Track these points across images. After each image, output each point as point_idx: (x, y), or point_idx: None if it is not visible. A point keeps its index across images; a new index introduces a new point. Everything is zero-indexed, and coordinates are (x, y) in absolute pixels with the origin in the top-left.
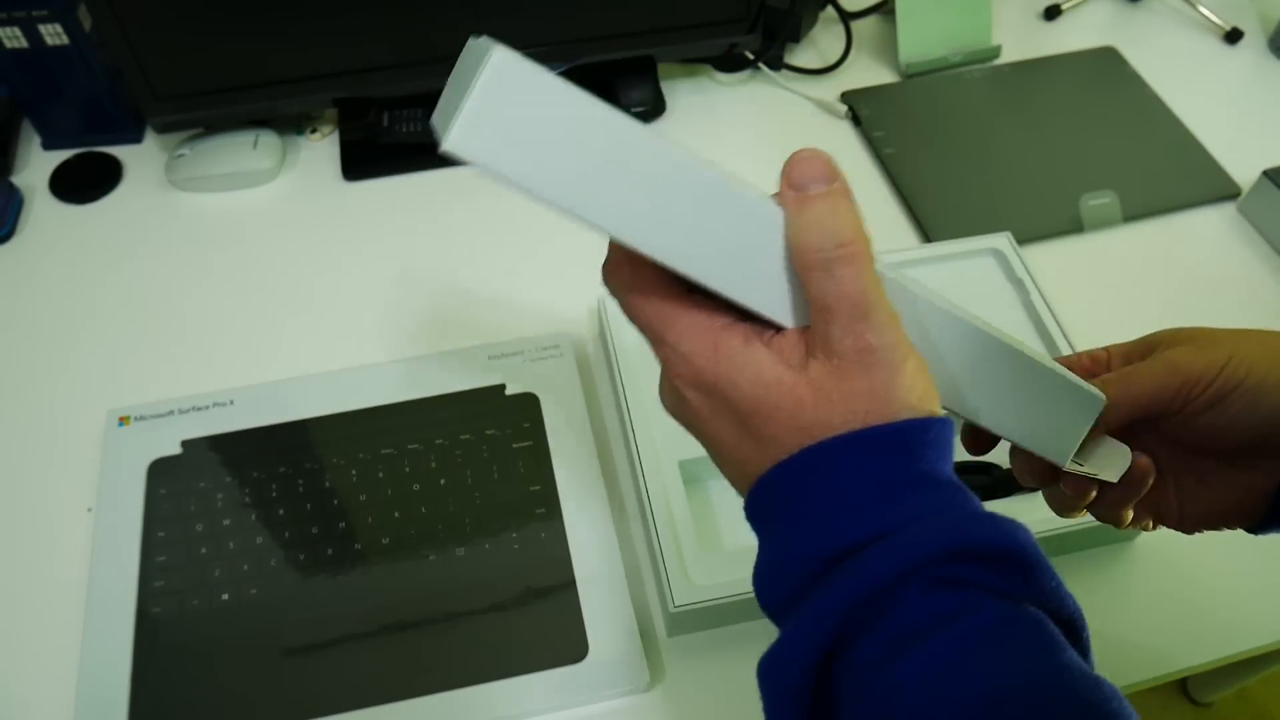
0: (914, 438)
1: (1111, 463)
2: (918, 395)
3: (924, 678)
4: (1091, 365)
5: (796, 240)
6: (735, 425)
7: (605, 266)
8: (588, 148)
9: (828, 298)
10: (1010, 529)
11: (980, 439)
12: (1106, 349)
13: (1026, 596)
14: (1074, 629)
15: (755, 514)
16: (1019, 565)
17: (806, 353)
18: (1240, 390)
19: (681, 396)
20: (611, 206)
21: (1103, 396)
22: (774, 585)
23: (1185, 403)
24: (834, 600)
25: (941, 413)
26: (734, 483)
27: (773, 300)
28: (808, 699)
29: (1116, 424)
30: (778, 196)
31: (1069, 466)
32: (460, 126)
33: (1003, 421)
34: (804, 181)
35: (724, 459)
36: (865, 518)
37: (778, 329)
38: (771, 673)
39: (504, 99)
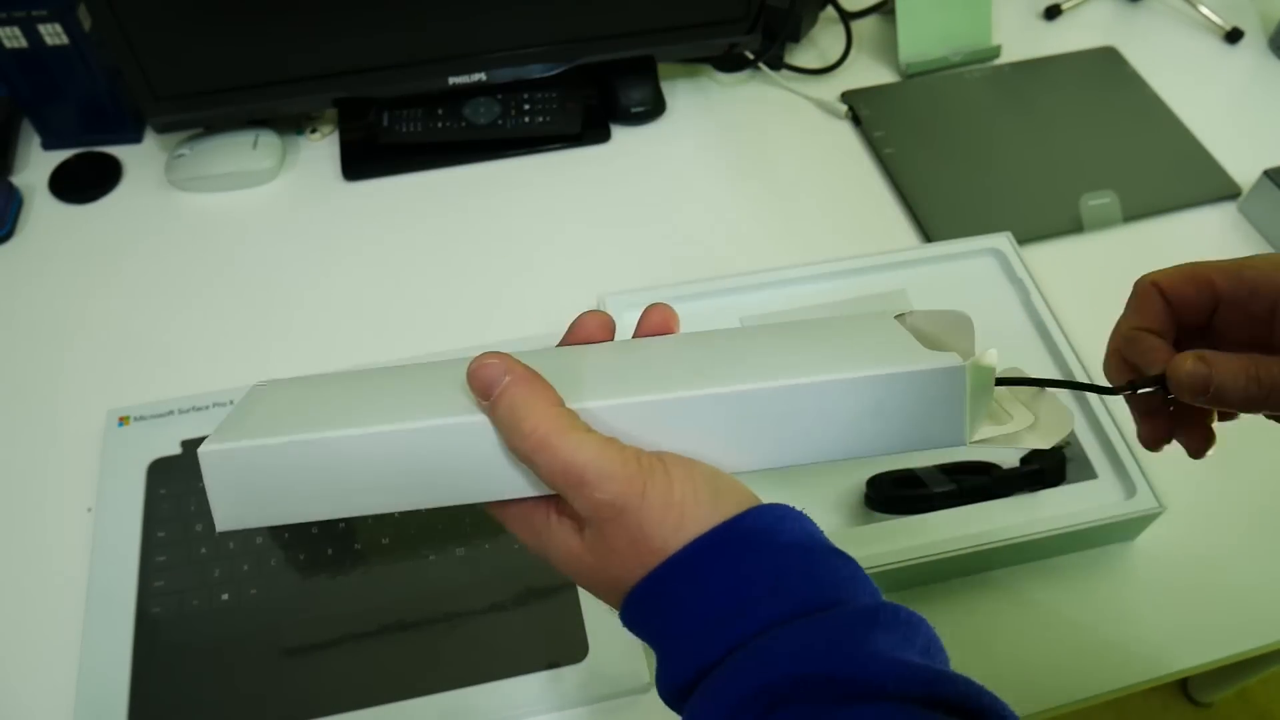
0: (704, 554)
1: (1046, 424)
2: (677, 519)
3: None
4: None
5: (503, 442)
6: (577, 581)
7: None
8: (317, 470)
9: (548, 479)
10: (848, 639)
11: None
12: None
13: (882, 696)
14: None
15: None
16: (848, 681)
17: (577, 522)
18: None
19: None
20: (371, 496)
21: (958, 361)
22: (665, 699)
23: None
24: None
25: (739, 498)
26: None
27: (531, 486)
28: None
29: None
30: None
31: (972, 443)
32: (216, 514)
33: (854, 448)
34: (486, 387)
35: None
36: (676, 659)
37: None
38: None
39: (227, 477)
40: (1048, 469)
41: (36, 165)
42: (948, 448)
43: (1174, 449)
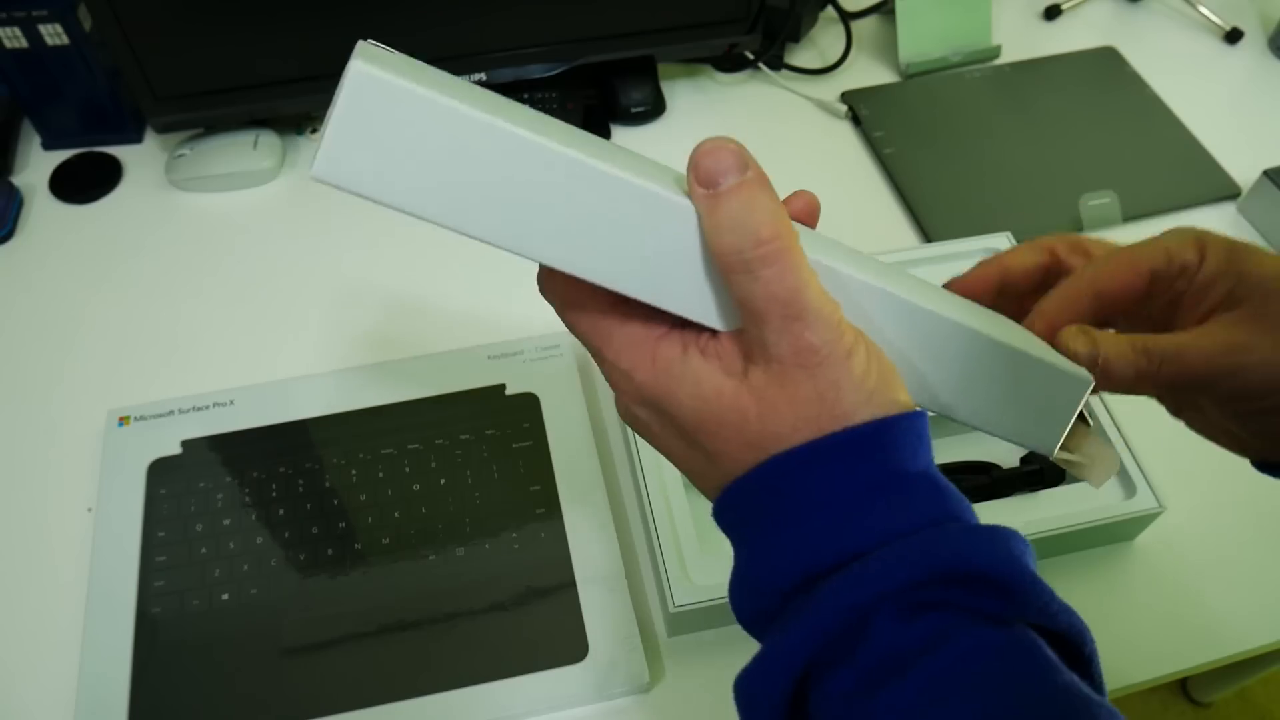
0: (873, 440)
1: (1101, 464)
2: (869, 391)
3: (903, 713)
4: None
5: (713, 242)
6: (683, 440)
7: (539, 277)
8: (471, 163)
9: (755, 301)
10: (992, 546)
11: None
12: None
13: (1014, 616)
14: (1071, 644)
15: (724, 527)
16: (1002, 586)
17: (745, 359)
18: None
19: (630, 412)
20: (508, 224)
21: (1089, 378)
22: (745, 601)
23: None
24: (804, 630)
25: (907, 402)
26: (702, 493)
27: (701, 305)
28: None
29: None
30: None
31: (1056, 457)
32: (325, 154)
33: (978, 414)
34: (713, 176)
35: (683, 471)
36: (830, 540)
37: (715, 333)
38: (746, 696)
39: (370, 119)
40: (1047, 469)
41: (37, 165)
42: (1034, 449)
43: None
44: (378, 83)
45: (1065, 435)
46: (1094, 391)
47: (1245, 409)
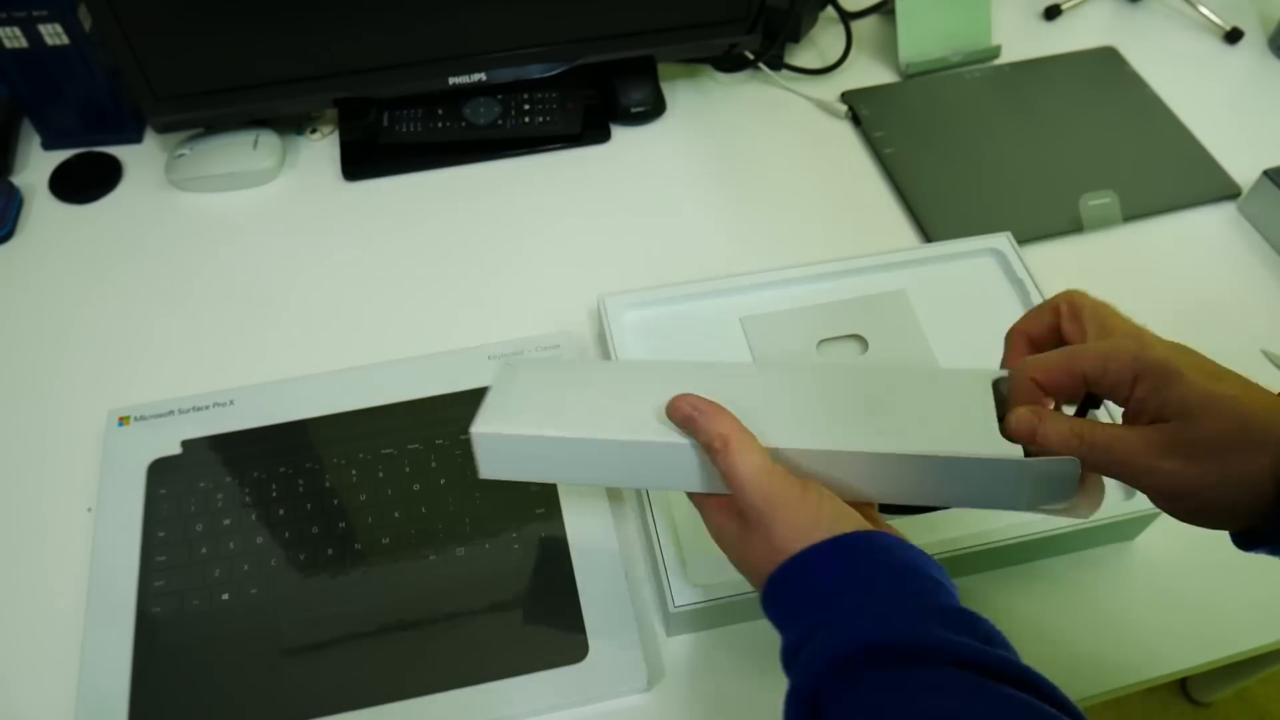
0: (793, 573)
1: (1086, 500)
2: (795, 535)
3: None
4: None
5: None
6: (734, 561)
7: None
8: (558, 454)
9: (725, 480)
10: (879, 626)
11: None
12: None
13: (928, 664)
14: (1004, 673)
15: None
16: (905, 650)
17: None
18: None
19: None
20: (587, 473)
21: (1019, 456)
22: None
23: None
24: (789, 693)
25: (834, 530)
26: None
27: (715, 485)
28: None
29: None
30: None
31: (1032, 510)
32: (483, 471)
33: (953, 500)
34: (682, 421)
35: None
36: (790, 629)
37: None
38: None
39: (494, 449)
40: None
41: (37, 165)
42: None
43: None
44: (485, 435)
45: (1030, 497)
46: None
47: (1168, 506)
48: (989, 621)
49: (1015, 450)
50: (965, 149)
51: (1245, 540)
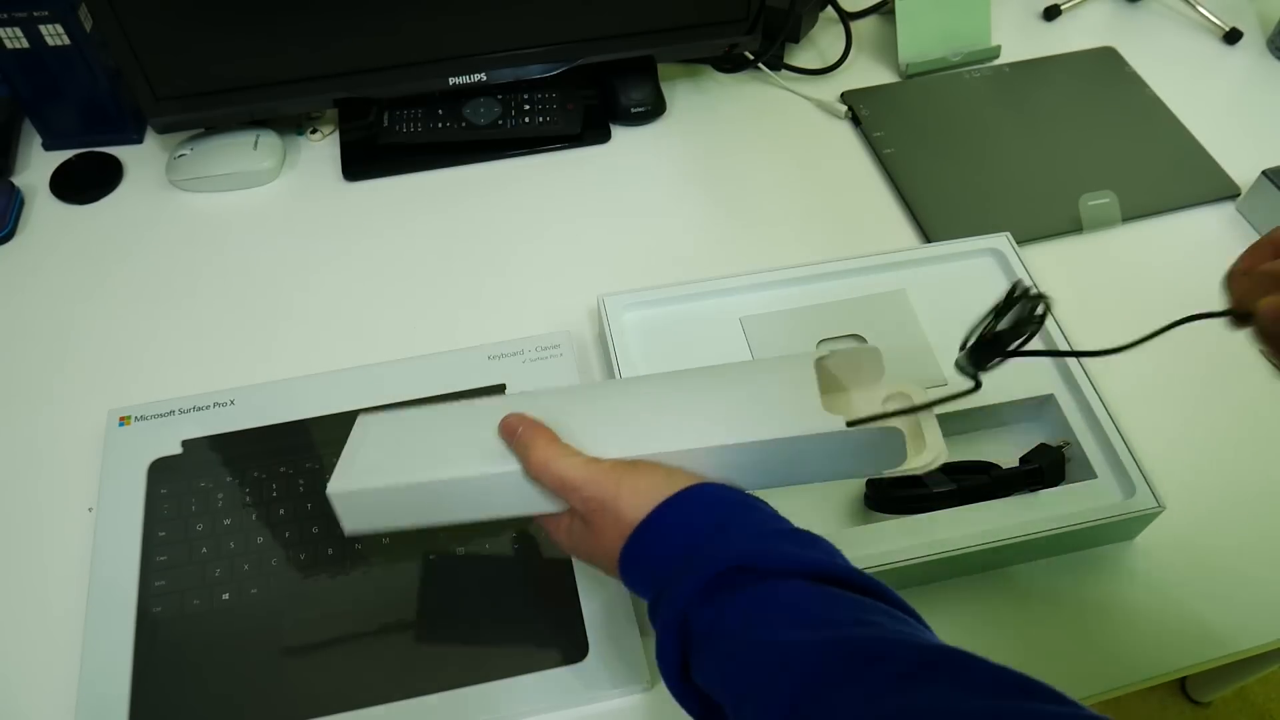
0: (645, 535)
1: (921, 456)
2: (639, 504)
3: (726, 658)
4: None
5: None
6: (592, 562)
7: None
8: (409, 500)
9: (554, 491)
10: (743, 544)
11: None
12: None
13: (769, 576)
14: (837, 578)
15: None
16: (749, 566)
17: (581, 519)
18: None
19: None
20: (442, 513)
21: (838, 426)
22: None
23: None
24: (660, 634)
25: (673, 489)
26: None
27: (551, 504)
28: (681, 682)
29: None
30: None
31: (877, 474)
32: (347, 528)
33: (799, 477)
34: (507, 436)
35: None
36: (650, 580)
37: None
38: (661, 672)
39: (352, 506)
40: (1048, 469)
41: (37, 165)
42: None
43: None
44: (341, 493)
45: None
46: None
47: None
48: (825, 539)
49: (837, 423)
50: (965, 149)
51: None
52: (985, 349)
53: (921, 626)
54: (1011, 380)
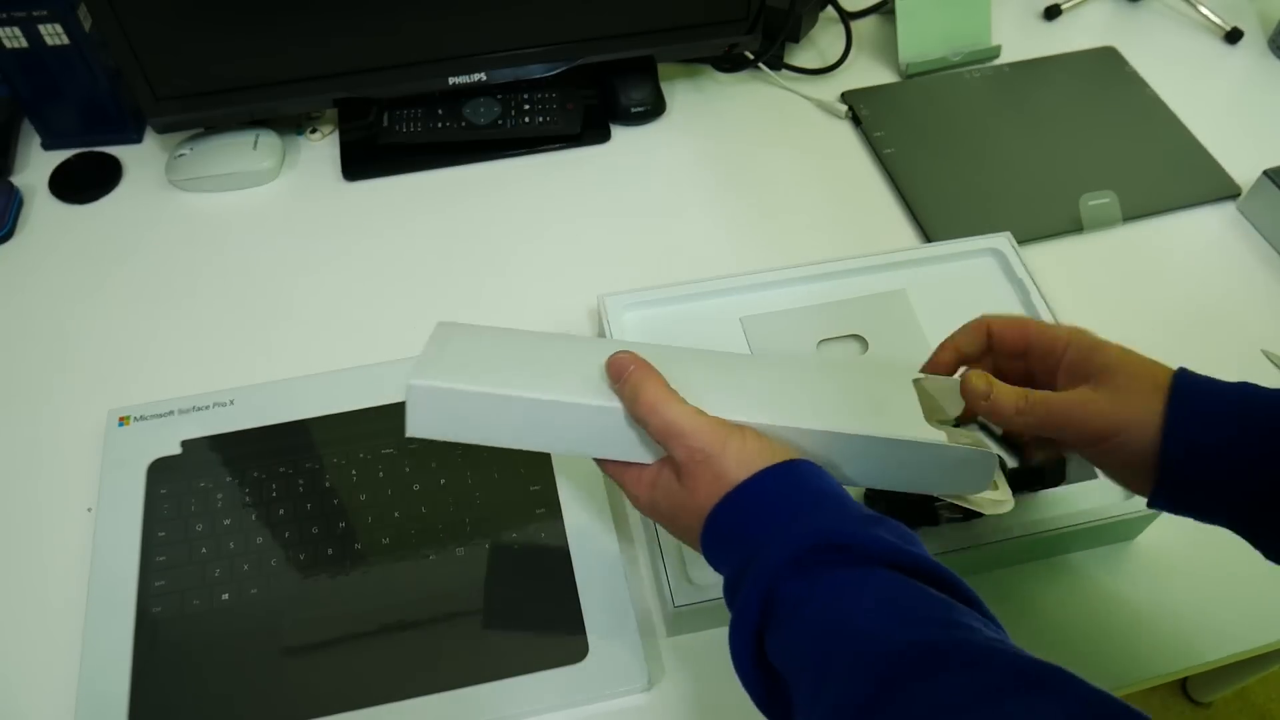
0: (745, 497)
1: (994, 498)
2: (749, 462)
3: (803, 634)
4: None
5: (629, 416)
6: (671, 521)
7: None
8: (498, 416)
9: (658, 435)
10: (840, 524)
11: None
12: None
13: (869, 562)
14: (928, 572)
15: (708, 557)
16: (845, 546)
17: (675, 470)
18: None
19: (644, 505)
20: (523, 436)
21: (991, 455)
22: (728, 596)
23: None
24: (742, 606)
25: (782, 458)
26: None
27: (646, 453)
28: (754, 658)
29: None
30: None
31: (946, 496)
32: (411, 428)
33: (879, 479)
34: (615, 375)
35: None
36: (736, 549)
37: (664, 462)
38: (732, 652)
39: (431, 405)
40: (1048, 469)
41: (37, 165)
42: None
43: None
44: (421, 389)
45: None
46: (982, 427)
47: (1094, 451)
48: (910, 530)
49: (940, 436)
50: (965, 149)
51: (1151, 499)
52: (1026, 477)
53: (1012, 642)
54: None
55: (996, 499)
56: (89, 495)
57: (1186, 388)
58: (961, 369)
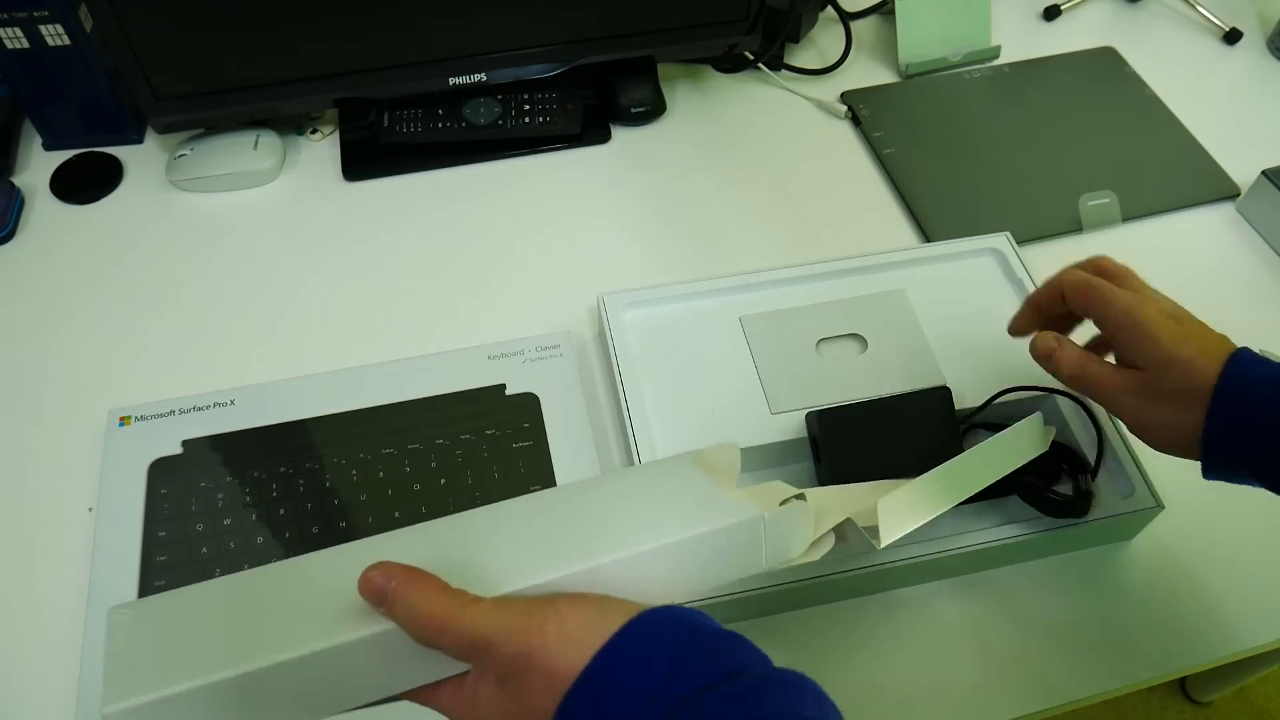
0: (590, 678)
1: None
2: (574, 647)
3: None
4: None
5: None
6: None
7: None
8: (230, 706)
9: (460, 654)
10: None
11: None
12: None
13: None
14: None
15: None
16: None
17: (481, 683)
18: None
19: None
20: (282, 714)
21: (757, 514)
22: None
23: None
24: None
25: (608, 629)
26: None
27: (444, 668)
28: None
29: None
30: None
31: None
32: None
33: (705, 582)
34: (377, 600)
35: None
36: None
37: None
38: None
39: None
40: (1075, 501)
41: (38, 165)
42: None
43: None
44: (120, 714)
45: (768, 552)
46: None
47: (1136, 432)
48: (802, 676)
49: (753, 510)
50: (965, 149)
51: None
52: (1051, 506)
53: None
54: (1011, 377)
55: (819, 551)
56: (89, 495)
57: (1228, 401)
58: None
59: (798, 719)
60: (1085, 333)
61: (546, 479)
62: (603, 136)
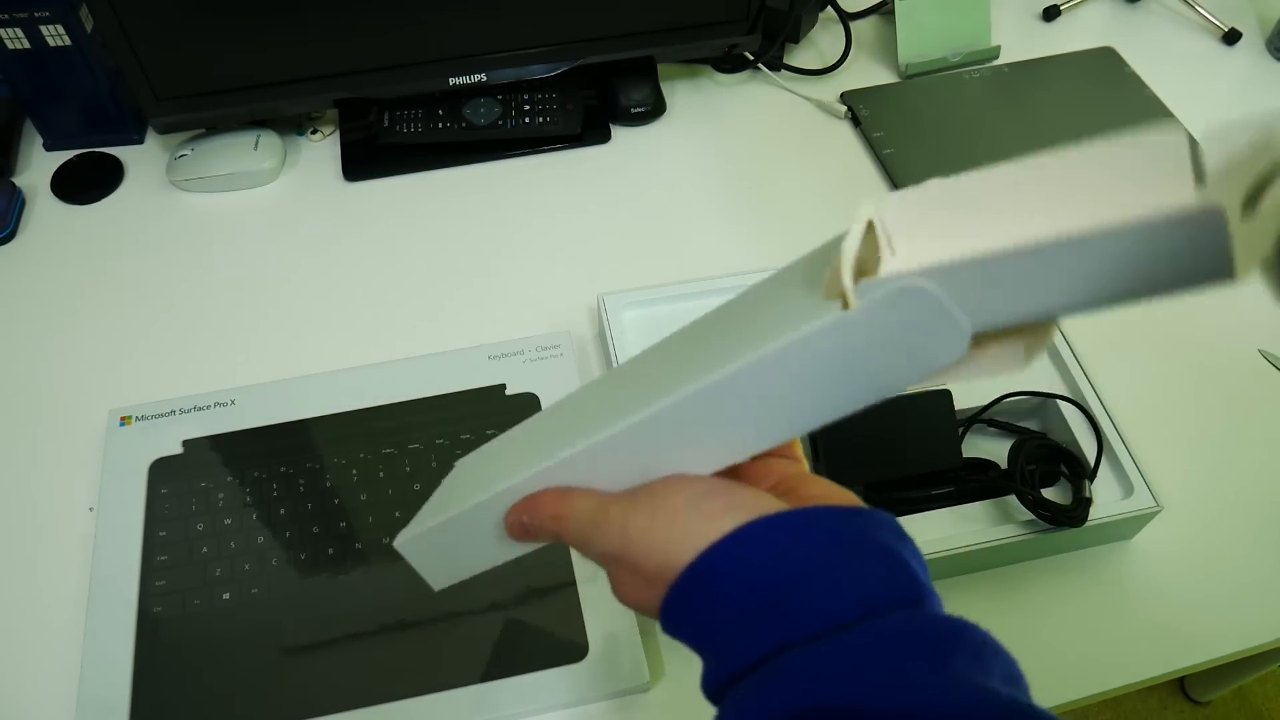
0: (697, 572)
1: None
2: (659, 549)
3: None
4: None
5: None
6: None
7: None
8: (465, 538)
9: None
10: (846, 683)
11: None
12: None
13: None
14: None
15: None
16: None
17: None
18: None
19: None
20: (503, 550)
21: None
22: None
23: None
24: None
25: (737, 524)
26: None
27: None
28: None
29: None
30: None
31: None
32: (432, 584)
33: (825, 411)
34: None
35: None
36: (715, 664)
37: None
38: None
39: (422, 555)
40: (1074, 510)
41: (39, 166)
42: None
43: (1172, 449)
44: (408, 540)
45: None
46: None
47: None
48: (981, 631)
49: (830, 309)
50: (965, 149)
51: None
52: (1046, 514)
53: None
54: (1011, 380)
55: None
56: (90, 495)
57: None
58: None
59: (973, 691)
60: None
61: None
62: (603, 136)
